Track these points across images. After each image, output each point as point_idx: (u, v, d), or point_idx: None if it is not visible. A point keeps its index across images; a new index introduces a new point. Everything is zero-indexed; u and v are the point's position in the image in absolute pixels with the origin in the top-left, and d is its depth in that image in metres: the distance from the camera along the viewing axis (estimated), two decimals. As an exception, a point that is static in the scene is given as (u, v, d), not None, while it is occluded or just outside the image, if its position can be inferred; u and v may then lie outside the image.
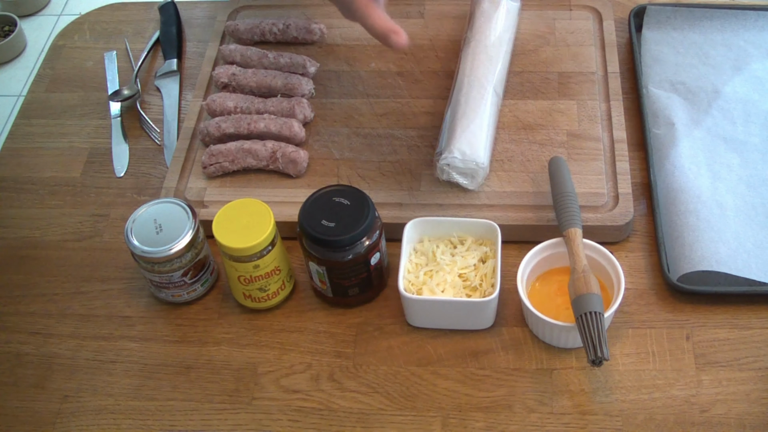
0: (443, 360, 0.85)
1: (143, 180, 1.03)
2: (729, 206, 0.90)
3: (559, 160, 0.91)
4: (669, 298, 0.87)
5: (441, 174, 0.93)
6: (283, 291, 0.89)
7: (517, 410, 0.80)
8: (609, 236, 0.90)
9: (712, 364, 0.82)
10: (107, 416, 0.84)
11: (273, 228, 0.83)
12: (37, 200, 1.03)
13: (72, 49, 1.21)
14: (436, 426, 0.80)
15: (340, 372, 0.85)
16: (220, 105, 1.02)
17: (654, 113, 1.00)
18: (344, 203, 0.83)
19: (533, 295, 0.85)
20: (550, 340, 0.84)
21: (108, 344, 0.89)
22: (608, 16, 1.10)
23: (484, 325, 0.86)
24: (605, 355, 0.76)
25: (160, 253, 0.84)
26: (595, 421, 0.79)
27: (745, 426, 0.78)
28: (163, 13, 1.21)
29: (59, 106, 1.13)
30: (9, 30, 2.59)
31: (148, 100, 1.12)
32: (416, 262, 0.87)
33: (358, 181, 0.96)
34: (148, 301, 0.92)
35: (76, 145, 1.08)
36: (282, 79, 1.04)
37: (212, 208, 0.94)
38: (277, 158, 0.97)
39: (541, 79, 1.05)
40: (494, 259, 0.85)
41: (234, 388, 0.85)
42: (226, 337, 0.88)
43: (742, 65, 1.04)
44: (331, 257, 0.83)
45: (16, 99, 2.46)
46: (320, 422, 0.81)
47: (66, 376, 0.87)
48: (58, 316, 0.92)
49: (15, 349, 0.90)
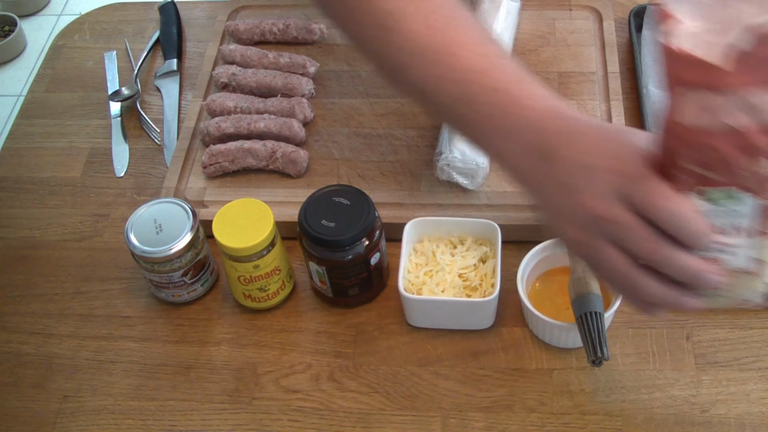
0: (443, 360, 0.85)
1: (143, 180, 1.03)
2: (729, 206, 0.90)
3: (559, 160, 0.91)
4: (669, 298, 0.87)
5: (441, 174, 0.93)
6: (283, 291, 0.89)
7: (517, 410, 0.80)
8: (609, 236, 0.90)
9: (712, 364, 0.82)
10: (107, 416, 0.84)
11: (273, 228, 0.83)
12: (37, 200, 1.03)
13: (72, 49, 1.21)
14: (436, 426, 0.80)
15: (340, 372, 0.85)
16: (220, 105, 1.02)
17: (654, 113, 1.00)
18: (344, 203, 0.83)
19: (533, 295, 0.85)
20: (550, 340, 0.84)
21: (108, 344, 0.89)
22: (608, 16, 1.10)
23: (484, 325, 0.86)
24: (605, 355, 0.76)
25: (160, 253, 0.84)
26: (595, 421, 0.79)
27: (745, 426, 0.78)
28: (163, 13, 1.21)
29: (59, 106, 1.13)
30: (9, 30, 2.59)
31: (148, 100, 1.12)
32: (416, 262, 0.87)
33: (358, 181, 0.96)
34: (148, 301, 0.92)
35: (76, 145, 1.08)
36: (282, 79, 1.04)
37: (212, 208, 0.94)
38: (277, 158, 0.97)
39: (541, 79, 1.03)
40: (494, 259, 0.85)
41: (234, 388, 0.85)
42: (226, 337, 0.88)
43: (742, 65, 1.04)
44: (331, 257, 0.83)
45: (16, 99, 2.46)
46: (320, 422, 0.81)
47: (66, 376, 0.87)
48: (58, 316, 0.92)
49: (15, 349, 0.90)
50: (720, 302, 0.67)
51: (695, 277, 0.62)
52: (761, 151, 0.60)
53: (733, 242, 0.64)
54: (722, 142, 0.60)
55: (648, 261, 0.63)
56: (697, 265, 0.62)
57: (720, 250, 0.64)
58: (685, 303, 0.64)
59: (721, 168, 0.61)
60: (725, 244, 0.64)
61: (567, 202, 0.65)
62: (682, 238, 0.61)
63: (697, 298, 0.65)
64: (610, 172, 0.63)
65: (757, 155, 0.60)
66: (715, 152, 0.61)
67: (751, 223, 0.64)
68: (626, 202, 0.62)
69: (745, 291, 0.66)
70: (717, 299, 0.67)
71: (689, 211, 0.61)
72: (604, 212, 0.62)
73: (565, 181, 0.65)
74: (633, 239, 0.62)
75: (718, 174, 0.62)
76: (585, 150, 0.65)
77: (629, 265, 0.63)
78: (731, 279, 0.65)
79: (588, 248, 0.65)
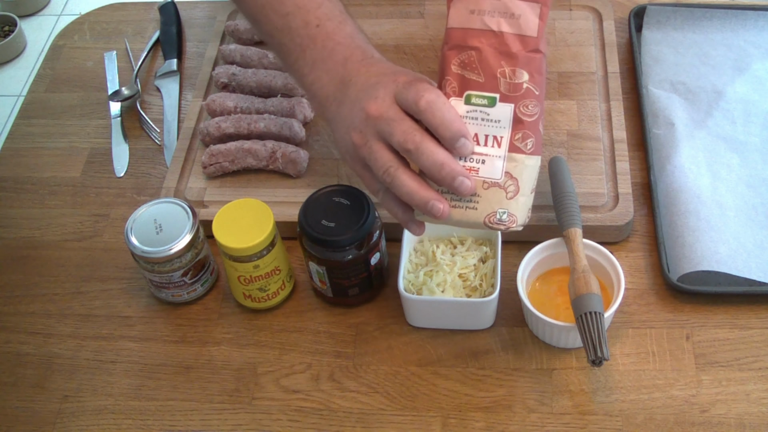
0: (443, 360, 0.85)
1: (143, 180, 1.03)
2: (729, 206, 0.90)
3: (559, 160, 0.91)
4: (669, 298, 0.87)
5: (441, 174, 0.93)
6: (283, 291, 0.89)
7: (517, 410, 0.80)
8: (609, 236, 0.90)
9: (712, 364, 0.82)
10: (107, 416, 0.84)
11: (273, 228, 0.83)
12: (37, 200, 1.03)
13: (72, 49, 1.21)
14: (436, 426, 0.80)
15: (340, 372, 0.85)
16: (220, 105, 1.02)
17: (654, 113, 1.00)
18: (344, 203, 0.83)
19: (533, 295, 0.85)
20: (550, 340, 0.84)
21: (108, 344, 0.89)
22: (608, 16, 1.10)
23: (484, 325, 0.86)
24: (605, 355, 0.76)
25: (160, 253, 0.84)
26: (595, 421, 0.79)
27: (745, 426, 0.78)
28: (163, 13, 1.21)
29: (59, 106, 1.13)
30: (9, 30, 2.59)
31: (148, 100, 1.12)
32: (416, 262, 0.87)
33: (358, 181, 0.96)
34: (148, 301, 0.92)
35: (76, 145, 1.08)
36: (282, 79, 1.04)
37: (212, 208, 0.94)
38: (277, 158, 0.97)
39: (541, 79, 1.05)
40: (494, 259, 0.85)
41: (234, 388, 0.85)
42: (226, 337, 0.88)
43: (742, 65, 1.04)
44: (331, 257, 0.83)
45: (16, 99, 2.46)
46: (320, 422, 0.81)
47: (66, 376, 0.87)
48: (58, 316, 0.92)
49: (15, 349, 0.90)
50: (471, 215, 0.73)
51: (450, 176, 0.70)
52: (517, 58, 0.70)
53: (488, 152, 0.71)
54: (483, 42, 0.70)
55: (405, 150, 0.71)
56: (455, 164, 0.70)
57: (476, 160, 0.72)
58: (437, 207, 0.71)
59: (482, 70, 0.70)
60: (481, 154, 0.71)
61: (354, 114, 0.74)
62: (441, 134, 0.70)
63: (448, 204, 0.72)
64: (392, 81, 0.73)
65: (514, 63, 0.70)
66: (477, 52, 0.70)
67: (506, 136, 0.71)
68: (399, 103, 0.71)
69: (494, 204, 0.72)
70: (468, 211, 0.73)
71: (450, 110, 0.70)
72: (376, 111, 0.72)
73: (356, 97, 0.75)
74: (396, 131, 0.71)
75: (479, 75, 0.71)
76: (376, 72, 0.76)
77: (392, 160, 0.72)
78: (482, 190, 0.72)
79: (363, 148, 0.73)
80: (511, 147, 0.71)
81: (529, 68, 0.70)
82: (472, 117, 0.71)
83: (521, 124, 0.71)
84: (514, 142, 0.71)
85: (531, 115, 0.71)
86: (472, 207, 0.72)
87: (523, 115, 0.71)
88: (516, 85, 0.70)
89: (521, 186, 0.72)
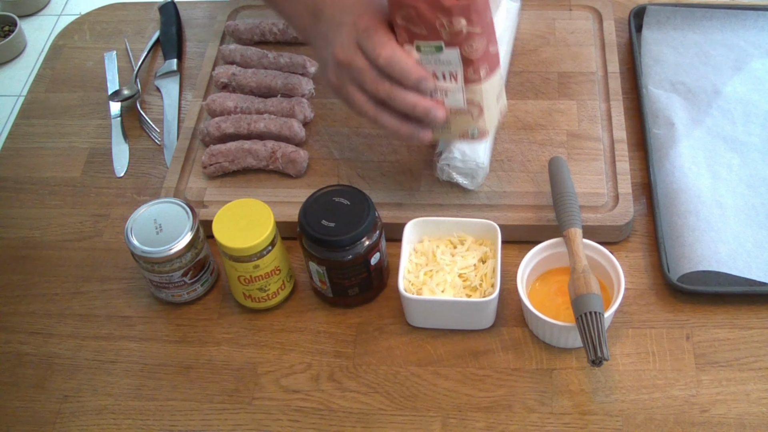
0: (443, 360, 0.85)
1: (143, 180, 1.03)
2: (729, 206, 0.90)
3: (559, 160, 0.91)
4: (669, 298, 0.87)
5: (441, 174, 0.93)
6: (283, 291, 0.89)
7: (517, 410, 0.80)
8: (609, 236, 0.90)
9: (712, 364, 0.82)
10: (107, 416, 0.84)
11: (273, 228, 0.83)
12: (37, 200, 1.03)
13: (72, 49, 1.21)
14: (436, 426, 0.80)
15: (340, 372, 0.85)
16: (220, 105, 1.02)
17: (654, 113, 1.00)
18: (344, 203, 0.83)
19: (533, 295, 0.85)
20: (550, 340, 0.84)
21: (108, 344, 0.89)
22: (608, 16, 1.10)
23: (484, 325, 0.86)
24: (605, 355, 0.76)
25: (160, 253, 0.84)
26: (595, 421, 0.79)
27: (745, 426, 0.78)
28: (163, 13, 1.21)
29: (59, 106, 1.13)
30: (9, 30, 2.59)
31: (148, 100, 1.12)
32: (416, 262, 0.87)
33: (358, 181, 0.96)
34: (148, 301, 0.92)
35: (76, 145, 1.08)
36: (282, 79, 1.04)
37: (212, 208, 0.94)
38: (277, 158, 0.97)
39: (541, 79, 1.05)
40: (494, 259, 0.85)
41: (234, 388, 0.85)
42: (226, 337, 0.88)
43: (742, 65, 1.04)
44: (331, 257, 0.83)
45: (16, 99, 2.46)
46: (320, 422, 0.81)
47: (66, 376, 0.87)
48: (58, 316, 0.92)
49: (15, 349, 0.90)
50: (447, 136, 0.87)
51: (425, 111, 0.79)
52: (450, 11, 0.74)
53: (448, 86, 0.80)
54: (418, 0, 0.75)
55: (377, 98, 0.79)
56: (424, 101, 0.79)
57: (440, 93, 0.81)
58: (419, 134, 0.82)
59: (423, 23, 0.76)
60: (443, 88, 0.80)
61: (327, 53, 0.82)
62: (403, 80, 0.78)
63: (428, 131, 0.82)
64: (353, 26, 0.79)
65: (449, 14, 0.74)
66: (414, 10, 0.75)
67: (459, 72, 0.79)
68: (362, 52, 0.78)
69: (464, 125, 0.84)
70: (444, 133, 0.85)
71: (404, 57, 0.77)
72: (344, 58, 0.79)
73: (326, 35, 0.82)
74: (365, 80, 0.79)
75: (422, 29, 0.77)
76: (342, 9, 0.81)
77: (368, 103, 0.81)
78: (452, 116, 0.82)
79: (340, 89, 0.82)
80: (467, 80, 0.80)
81: (466, 14, 0.75)
82: (426, 61, 0.79)
83: (470, 60, 0.78)
84: (468, 76, 0.79)
85: (477, 51, 0.77)
86: (447, 130, 0.84)
87: (469, 54, 0.78)
88: (455, 32, 0.76)
89: (484, 105, 0.81)
